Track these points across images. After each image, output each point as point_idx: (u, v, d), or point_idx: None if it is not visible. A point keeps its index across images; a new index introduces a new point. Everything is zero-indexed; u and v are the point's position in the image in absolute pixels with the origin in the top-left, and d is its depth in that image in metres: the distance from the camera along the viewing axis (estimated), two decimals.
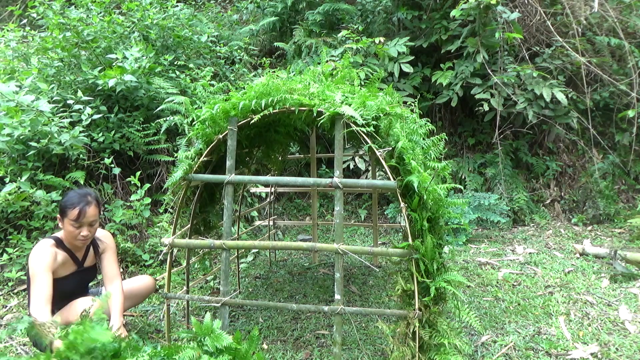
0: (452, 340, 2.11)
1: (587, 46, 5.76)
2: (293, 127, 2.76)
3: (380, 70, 3.67)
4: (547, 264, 4.23)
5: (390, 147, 2.28)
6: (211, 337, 1.95)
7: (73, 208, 2.33)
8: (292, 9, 6.89)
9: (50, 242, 2.41)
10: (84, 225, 2.37)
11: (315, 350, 2.72)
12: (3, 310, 3.21)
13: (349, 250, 2.29)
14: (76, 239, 2.40)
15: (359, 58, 5.37)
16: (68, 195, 2.42)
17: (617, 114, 5.86)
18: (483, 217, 5.26)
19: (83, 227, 2.37)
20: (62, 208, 2.36)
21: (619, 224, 5.50)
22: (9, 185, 3.53)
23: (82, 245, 2.46)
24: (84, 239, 2.40)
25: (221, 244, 2.40)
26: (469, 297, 3.48)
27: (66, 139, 3.63)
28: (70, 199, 2.37)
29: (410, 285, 2.21)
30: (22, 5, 6.73)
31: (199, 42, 5.54)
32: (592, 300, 3.39)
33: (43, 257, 2.31)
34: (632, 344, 2.74)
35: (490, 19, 5.35)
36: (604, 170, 6.05)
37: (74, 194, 2.40)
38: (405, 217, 2.20)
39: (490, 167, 6.00)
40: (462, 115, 6.51)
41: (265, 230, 4.87)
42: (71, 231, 2.36)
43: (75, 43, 4.54)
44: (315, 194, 4.49)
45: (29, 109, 3.60)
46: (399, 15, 6.06)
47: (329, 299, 3.51)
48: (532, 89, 5.40)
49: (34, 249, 2.35)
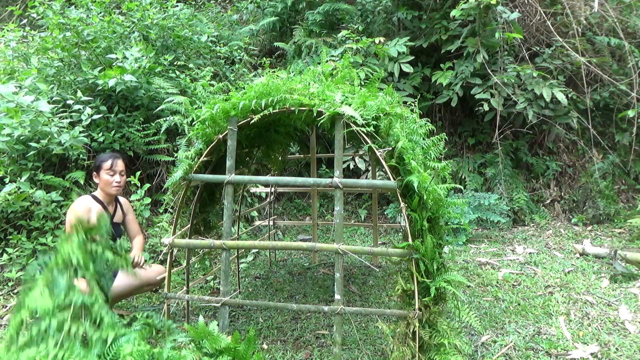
0: (452, 340, 2.11)
1: (587, 46, 5.76)
2: (293, 127, 2.76)
3: (380, 70, 3.67)
4: (547, 264, 4.23)
5: (390, 147, 2.28)
6: (209, 339, 1.95)
7: (107, 160, 2.83)
8: (292, 9, 6.89)
9: (88, 197, 2.83)
10: (117, 172, 2.84)
11: (315, 350, 2.72)
12: (3, 310, 3.21)
13: (349, 250, 2.29)
14: (111, 186, 2.83)
15: (359, 58, 5.37)
16: (100, 155, 2.92)
17: (617, 114, 5.86)
18: (483, 217, 5.26)
19: (116, 175, 2.84)
20: (98, 163, 2.84)
21: (619, 224, 5.50)
22: (9, 185, 3.53)
23: (116, 192, 2.88)
24: (117, 185, 2.84)
25: (221, 244, 2.40)
26: (469, 297, 3.48)
27: (66, 139, 3.63)
28: (103, 157, 2.88)
29: (410, 285, 2.21)
30: (22, 5, 6.74)
31: (199, 42, 5.54)
32: (592, 300, 3.39)
33: (76, 210, 2.72)
34: (632, 344, 2.74)
35: (490, 19, 5.35)
36: (604, 170, 6.05)
37: (105, 154, 2.92)
38: (405, 217, 2.20)
39: (490, 167, 6.00)
40: (462, 115, 6.51)
41: (265, 230, 4.87)
42: (107, 180, 2.81)
43: (75, 43, 4.54)
44: (315, 194, 4.49)
45: (29, 110, 3.60)
46: (399, 15, 6.06)
47: (329, 299, 3.51)
48: (532, 89, 5.40)
49: (73, 204, 2.76)
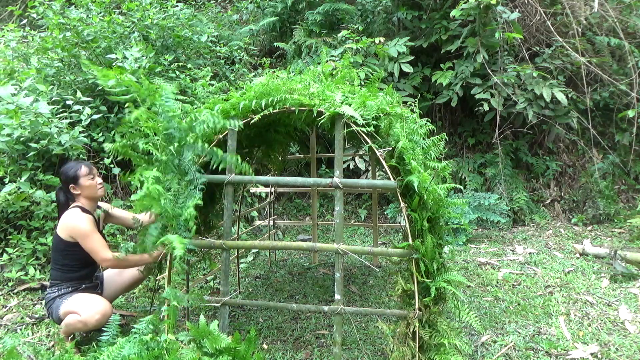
0: (452, 340, 2.11)
1: (587, 46, 5.76)
2: (293, 127, 2.76)
3: (380, 70, 3.67)
4: (547, 264, 4.23)
5: (390, 147, 2.28)
6: (209, 339, 1.95)
7: (80, 168, 2.65)
8: (292, 9, 6.89)
9: (78, 209, 2.64)
10: (95, 175, 2.71)
11: (315, 350, 2.72)
12: (3, 310, 3.21)
13: (349, 250, 2.29)
14: (97, 190, 2.70)
15: (359, 58, 5.37)
16: (65, 167, 2.70)
17: (617, 114, 5.86)
18: (483, 217, 5.26)
19: (95, 177, 2.70)
20: (72, 174, 2.64)
21: (619, 224, 5.50)
22: (8, 185, 3.53)
23: (102, 193, 2.75)
24: (101, 186, 2.73)
25: (221, 244, 2.40)
26: (469, 297, 3.48)
27: (66, 139, 3.63)
28: (71, 167, 2.67)
29: (410, 285, 2.21)
30: (22, 5, 6.73)
31: (199, 42, 5.54)
32: (592, 300, 3.39)
33: (87, 218, 2.60)
34: (632, 344, 2.74)
35: (490, 19, 5.35)
36: (604, 170, 6.05)
37: (70, 164, 2.71)
38: (405, 217, 2.20)
39: (490, 167, 6.00)
40: (462, 115, 6.51)
41: (265, 230, 4.87)
42: (91, 184, 2.66)
43: (75, 43, 4.53)
44: (315, 194, 4.49)
45: (29, 110, 3.60)
46: (399, 15, 6.06)
47: (329, 299, 3.51)
48: (532, 89, 5.40)
49: (72, 216, 2.59)
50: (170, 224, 2.08)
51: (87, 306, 2.51)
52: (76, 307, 2.53)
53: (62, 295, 2.63)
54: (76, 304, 2.55)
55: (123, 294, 3.19)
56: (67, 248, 2.62)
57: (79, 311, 2.50)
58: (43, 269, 3.60)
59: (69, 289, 2.66)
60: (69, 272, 2.67)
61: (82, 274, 2.73)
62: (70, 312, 2.53)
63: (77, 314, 2.50)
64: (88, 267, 2.76)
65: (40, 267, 3.61)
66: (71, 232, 2.58)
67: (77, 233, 2.57)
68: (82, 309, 2.50)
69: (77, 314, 2.50)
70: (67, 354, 2.03)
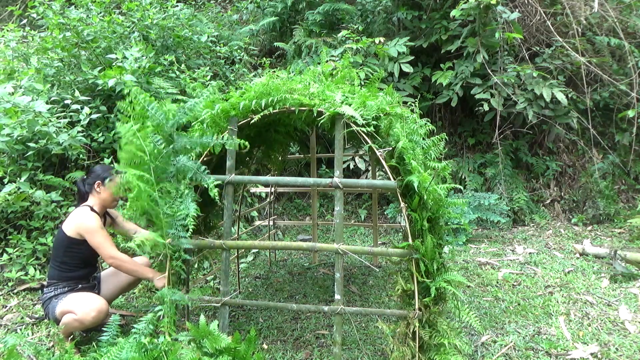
0: (452, 340, 2.11)
1: (587, 46, 5.76)
2: (293, 127, 2.76)
3: (380, 70, 3.66)
4: (547, 264, 4.23)
5: (390, 147, 2.28)
6: (209, 339, 1.95)
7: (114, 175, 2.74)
8: (292, 9, 6.89)
9: (88, 208, 2.71)
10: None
11: (315, 350, 2.72)
12: (3, 310, 3.21)
13: (349, 250, 2.29)
14: (113, 201, 2.80)
15: (359, 58, 5.37)
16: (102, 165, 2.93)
17: (617, 114, 5.86)
18: (483, 217, 5.26)
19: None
20: (105, 175, 2.75)
21: (619, 224, 5.50)
22: (8, 185, 3.52)
23: (115, 206, 2.88)
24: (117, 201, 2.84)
25: (221, 244, 2.40)
26: (469, 297, 3.48)
27: (64, 139, 3.63)
28: (107, 168, 2.82)
29: (410, 285, 2.21)
30: (22, 5, 6.74)
31: (199, 42, 5.53)
32: (592, 300, 3.39)
33: (95, 217, 2.68)
34: (632, 344, 2.74)
35: (490, 19, 5.35)
36: (604, 170, 6.05)
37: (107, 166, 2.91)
38: (405, 217, 2.20)
39: (490, 167, 6.00)
40: (462, 115, 6.51)
41: (265, 230, 4.87)
42: (111, 193, 2.73)
43: (75, 43, 4.53)
44: (315, 194, 4.49)
45: (27, 110, 3.59)
46: (399, 15, 6.06)
47: (329, 299, 3.51)
48: (532, 89, 5.40)
49: (81, 214, 2.66)
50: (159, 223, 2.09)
51: (82, 304, 2.52)
52: (71, 307, 2.53)
53: (58, 295, 2.64)
54: (71, 304, 2.55)
55: (121, 294, 3.19)
56: (71, 245, 2.64)
57: (74, 310, 2.51)
58: (43, 269, 3.60)
59: (65, 289, 2.66)
60: (67, 271, 2.68)
61: (80, 274, 2.74)
62: (66, 312, 2.54)
63: (73, 313, 2.51)
64: (87, 268, 2.77)
65: (40, 267, 3.60)
66: (79, 228, 2.63)
67: (85, 229, 2.62)
68: (77, 307, 2.51)
69: (73, 313, 2.51)
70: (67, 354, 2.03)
